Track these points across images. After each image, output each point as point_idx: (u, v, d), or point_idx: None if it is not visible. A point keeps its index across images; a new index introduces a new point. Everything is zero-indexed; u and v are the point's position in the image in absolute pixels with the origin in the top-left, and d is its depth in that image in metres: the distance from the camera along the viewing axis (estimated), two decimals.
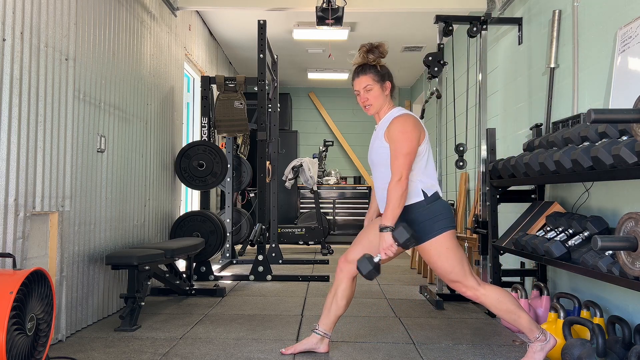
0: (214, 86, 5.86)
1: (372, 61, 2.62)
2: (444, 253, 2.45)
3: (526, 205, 3.86)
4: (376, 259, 2.43)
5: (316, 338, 2.72)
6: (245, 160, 6.63)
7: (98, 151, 3.34)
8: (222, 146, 6.54)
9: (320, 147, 8.75)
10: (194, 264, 4.77)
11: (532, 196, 3.71)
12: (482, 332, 3.17)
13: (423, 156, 2.53)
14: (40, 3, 2.69)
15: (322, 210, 8.66)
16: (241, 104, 5.34)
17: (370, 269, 2.41)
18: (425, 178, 2.52)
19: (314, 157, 8.66)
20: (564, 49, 3.51)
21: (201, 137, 5.58)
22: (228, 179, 6.17)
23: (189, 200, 6.26)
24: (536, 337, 2.47)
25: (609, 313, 2.84)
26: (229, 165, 6.12)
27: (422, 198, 2.49)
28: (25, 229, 2.56)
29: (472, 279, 2.47)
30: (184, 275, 4.23)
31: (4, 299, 1.97)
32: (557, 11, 3.56)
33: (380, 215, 2.72)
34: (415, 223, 2.48)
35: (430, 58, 4.02)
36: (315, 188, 7.38)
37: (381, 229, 2.41)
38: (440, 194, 2.58)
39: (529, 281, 3.95)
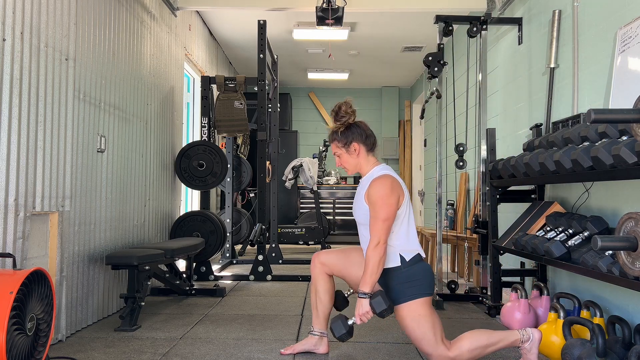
0: (214, 86, 5.85)
1: (337, 127, 2.65)
2: (416, 319, 2.43)
3: (526, 205, 3.86)
4: (350, 322, 2.44)
5: (314, 339, 2.71)
6: (245, 160, 6.63)
7: (98, 151, 3.34)
8: (222, 146, 6.54)
9: (320, 147, 8.75)
10: (194, 264, 4.77)
11: (532, 196, 3.71)
12: None
13: (403, 219, 2.50)
14: (40, 3, 2.69)
15: (322, 210, 8.67)
16: (241, 104, 5.34)
17: (343, 332, 2.43)
18: (405, 241, 2.50)
19: (314, 157, 8.66)
20: (564, 49, 3.51)
21: (201, 137, 5.58)
22: (228, 179, 6.17)
23: (189, 200, 6.26)
24: (521, 341, 2.47)
25: (609, 313, 2.84)
26: (229, 165, 6.12)
27: (399, 263, 2.47)
28: (25, 229, 2.56)
29: (442, 347, 2.43)
30: (184, 275, 4.23)
31: (4, 299, 1.97)
32: (557, 11, 3.56)
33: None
34: (391, 287, 2.47)
35: (430, 58, 4.02)
36: (315, 188, 7.38)
37: (359, 295, 2.40)
38: (423, 256, 2.54)
39: (529, 281, 3.95)
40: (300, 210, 8.90)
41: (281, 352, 2.71)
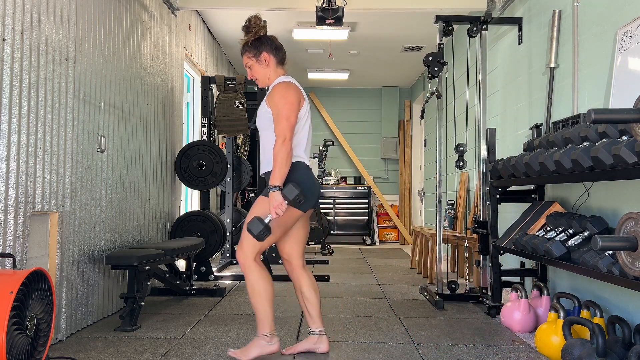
0: (214, 86, 5.85)
1: (247, 38, 2.73)
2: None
3: (526, 205, 3.86)
4: (267, 219, 2.48)
5: (314, 338, 2.72)
6: (245, 160, 6.62)
7: (98, 151, 3.34)
8: (222, 146, 6.54)
9: (320, 147, 8.75)
10: (194, 264, 4.77)
11: (532, 196, 3.71)
12: (482, 332, 3.17)
13: (300, 124, 2.63)
14: (40, 3, 2.69)
15: (322, 210, 8.67)
16: (241, 104, 5.34)
17: (261, 228, 2.45)
18: (295, 144, 2.61)
19: (314, 157, 8.66)
20: (564, 49, 3.51)
21: (201, 137, 5.58)
22: (228, 179, 6.16)
23: (189, 200, 6.26)
24: (263, 334, 2.58)
25: (609, 313, 2.84)
26: (229, 165, 6.12)
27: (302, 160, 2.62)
28: (25, 229, 2.56)
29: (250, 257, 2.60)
30: (184, 275, 4.23)
31: (4, 299, 1.97)
32: (557, 11, 3.57)
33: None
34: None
35: (430, 58, 4.02)
36: None
37: (270, 189, 2.48)
38: (308, 166, 2.67)
39: (529, 281, 3.95)
40: None
41: (282, 352, 2.71)
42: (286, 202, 2.46)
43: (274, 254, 6.35)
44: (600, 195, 2.98)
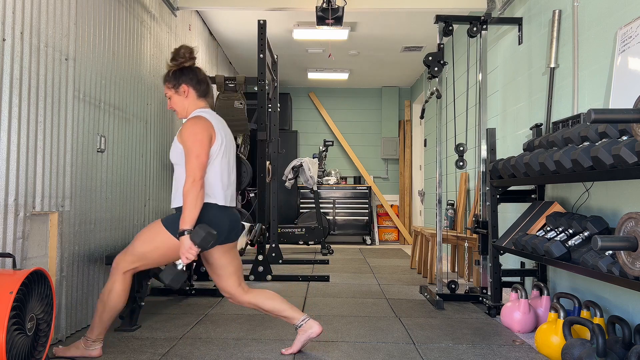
0: (214, 86, 5.85)
1: (170, 67, 2.67)
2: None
3: (526, 205, 3.86)
4: (179, 266, 2.43)
5: (303, 329, 2.70)
6: (245, 160, 6.61)
7: (98, 151, 3.34)
8: None
9: (320, 147, 8.75)
10: (194, 264, 4.77)
11: (532, 196, 3.71)
12: (482, 332, 3.17)
13: (212, 160, 2.55)
14: (40, 3, 2.69)
15: (322, 210, 8.67)
16: (241, 104, 5.34)
17: (172, 276, 2.40)
18: (206, 184, 2.53)
19: (314, 157, 8.66)
20: (564, 49, 3.51)
21: None
22: None
23: None
24: (88, 338, 2.60)
25: (609, 313, 2.84)
26: None
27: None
28: (25, 229, 2.56)
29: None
30: None
31: (4, 299, 1.97)
32: (557, 11, 3.57)
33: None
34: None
35: (430, 58, 4.02)
36: (315, 188, 7.38)
37: (179, 235, 2.41)
38: (220, 205, 2.56)
39: (529, 281, 3.95)
40: (300, 210, 8.90)
41: (282, 352, 2.71)
42: (196, 246, 2.38)
43: (273, 254, 6.35)
44: (600, 195, 2.98)
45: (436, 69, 4.01)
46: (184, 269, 2.44)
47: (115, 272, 2.57)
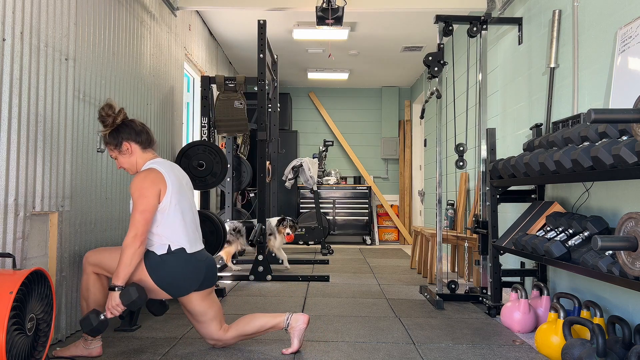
0: (214, 86, 5.85)
1: (106, 130, 2.64)
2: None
3: (526, 205, 3.86)
4: (102, 317, 2.43)
5: (292, 325, 2.72)
6: (245, 160, 6.63)
7: (98, 151, 3.34)
8: (222, 146, 6.54)
9: (320, 147, 8.75)
10: None
11: (532, 196, 3.71)
12: (482, 332, 3.17)
13: (169, 211, 2.54)
14: (40, 3, 2.69)
15: (322, 210, 8.67)
16: (241, 104, 5.34)
17: (92, 327, 2.41)
18: (170, 232, 2.54)
19: (314, 157, 8.66)
20: (564, 49, 3.51)
21: (201, 137, 5.58)
22: (228, 179, 6.17)
23: None
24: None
25: (609, 313, 2.84)
26: (229, 165, 6.12)
27: (166, 251, 2.54)
28: (25, 229, 2.56)
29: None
30: None
31: (4, 299, 1.97)
32: (557, 11, 3.57)
33: None
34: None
35: (430, 58, 4.02)
36: (315, 188, 7.38)
37: (110, 287, 2.44)
38: (188, 251, 2.57)
39: (529, 281, 3.95)
40: (300, 210, 8.90)
41: (282, 352, 2.72)
42: (122, 303, 2.41)
43: (273, 254, 6.35)
44: (600, 195, 2.98)
45: (436, 69, 4.01)
46: (107, 320, 2.46)
47: (86, 267, 2.62)
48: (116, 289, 2.42)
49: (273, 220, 5.58)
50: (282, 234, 5.53)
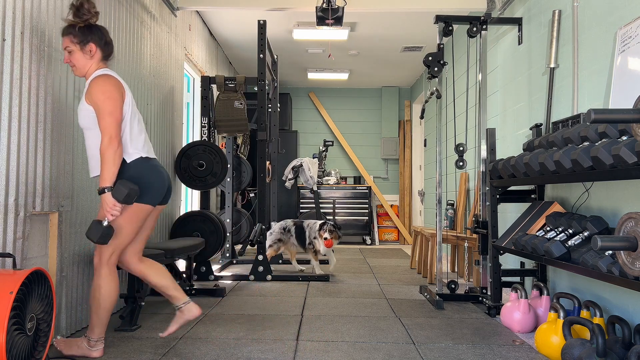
0: (214, 86, 5.86)
1: (78, 22, 2.57)
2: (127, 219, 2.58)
3: (526, 205, 3.86)
4: (105, 223, 2.46)
5: (182, 311, 2.79)
6: (245, 160, 6.63)
7: None
8: (222, 146, 6.54)
9: (320, 147, 8.76)
10: (194, 264, 4.77)
11: (532, 196, 3.71)
12: (482, 332, 3.17)
13: (126, 119, 2.56)
14: (40, 3, 2.69)
15: (322, 210, 8.66)
16: (241, 104, 5.34)
17: (101, 232, 2.45)
18: (127, 143, 2.57)
19: (314, 157, 8.67)
20: (564, 49, 3.52)
21: (201, 137, 5.58)
22: (228, 179, 6.17)
23: (189, 200, 6.26)
24: (90, 338, 2.61)
25: (609, 313, 2.84)
26: (229, 165, 6.12)
27: (131, 159, 2.57)
28: (25, 229, 2.56)
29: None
30: (184, 275, 4.23)
31: (4, 299, 1.97)
32: (557, 11, 3.57)
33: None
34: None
35: (430, 58, 4.02)
36: (315, 188, 7.38)
37: (100, 192, 2.44)
38: (149, 158, 2.64)
39: (529, 281, 3.95)
40: (300, 211, 8.90)
41: (160, 335, 2.80)
42: (118, 202, 2.44)
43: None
44: (600, 195, 2.98)
45: (436, 69, 4.01)
46: (110, 226, 2.48)
47: (97, 269, 2.60)
48: (106, 190, 2.42)
49: (316, 225, 5.33)
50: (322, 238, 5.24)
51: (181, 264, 4.88)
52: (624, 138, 2.32)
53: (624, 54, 2.79)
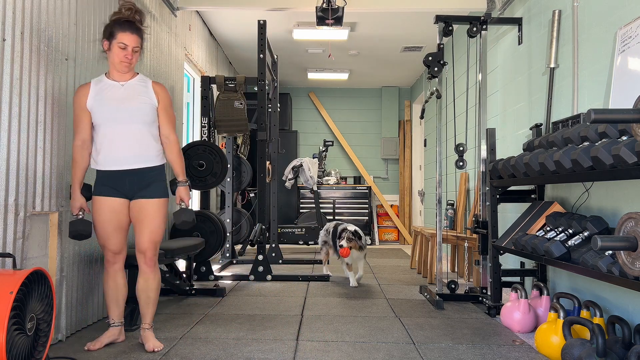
0: (214, 86, 5.85)
1: (140, 24, 2.76)
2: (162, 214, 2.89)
3: (526, 205, 3.86)
4: (185, 205, 2.92)
5: (117, 330, 2.85)
6: (245, 160, 6.63)
7: None
8: (222, 146, 6.54)
9: (320, 147, 8.75)
10: (194, 264, 4.77)
11: (532, 196, 3.71)
12: (482, 332, 3.17)
13: None
14: (40, 3, 2.69)
15: (322, 210, 8.67)
16: (241, 104, 5.34)
17: (192, 214, 2.89)
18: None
19: (314, 157, 8.66)
20: (564, 49, 3.52)
21: (201, 137, 5.58)
22: (228, 179, 6.17)
23: None
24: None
25: (609, 313, 2.84)
26: (229, 165, 6.12)
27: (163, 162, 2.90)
28: (25, 229, 2.56)
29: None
30: (184, 275, 4.23)
31: (4, 299, 1.97)
32: (557, 11, 3.57)
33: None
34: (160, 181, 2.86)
35: (430, 58, 4.02)
36: (315, 188, 7.38)
37: (182, 184, 2.92)
38: None
39: (529, 281, 3.95)
40: (300, 210, 8.90)
41: (87, 348, 2.77)
42: None
43: (273, 254, 6.35)
44: (600, 195, 2.98)
45: (436, 69, 4.01)
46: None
47: (157, 266, 2.85)
48: (188, 183, 2.96)
49: (343, 229, 4.78)
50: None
51: (181, 264, 4.88)
52: (624, 138, 2.32)
53: (624, 54, 2.79)
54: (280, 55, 7.53)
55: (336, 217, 8.91)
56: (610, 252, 2.33)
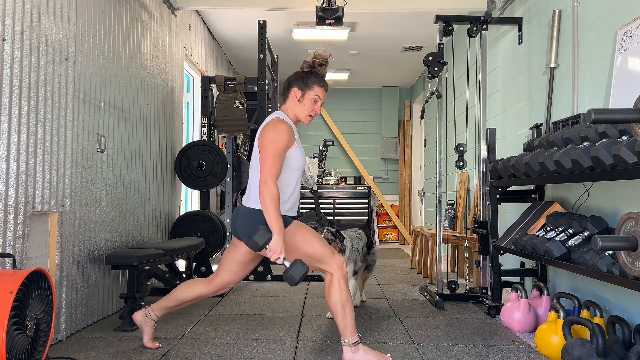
0: (214, 86, 5.85)
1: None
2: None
3: (526, 205, 3.86)
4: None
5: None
6: (245, 160, 6.62)
7: (98, 151, 3.34)
8: (222, 146, 6.54)
9: (320, 147, 8.75)
10: (194, 264, 4.77)
11: (532, 196, 3.71)
12: (482, 332, 3.17)
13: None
14: (40, 3, 2.69)
15: (322, 210, 8.66)
16: (241, 104, 5.34)
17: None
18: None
19: (314, 157, 8.66)
20: (564, 49, 3.51)
21: (201, 137, 5.58)
22: (228, 179, 6.16)
23: (189, 200, 6.26)
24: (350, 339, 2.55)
25: (609, 313, 2.84)
26: (229, 165, 6.12)
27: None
28: (25, 229, 2.56)
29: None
30: (184, 275, 4.23)
31: (4, 299, 1.97)
32: (557, 11, 3.57)
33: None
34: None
35: (430, 58, 4.02)
36: (315, 188, 7.37)
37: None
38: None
39: (529, 281, 3.95)
40: (300, 211, 8.89)
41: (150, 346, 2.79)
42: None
43: None
44: (600, 195, 2.98)
45: (436, 69, 4.01)
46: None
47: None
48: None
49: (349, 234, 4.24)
50: None
51: (181, 264, 4.88)
52: (624, 138, 2.32)
53: (624, 54, 2.79)
54: (280, 55, 7.53)
55: (336, 217, 8.91)
56: (610, 252, 2.33)
